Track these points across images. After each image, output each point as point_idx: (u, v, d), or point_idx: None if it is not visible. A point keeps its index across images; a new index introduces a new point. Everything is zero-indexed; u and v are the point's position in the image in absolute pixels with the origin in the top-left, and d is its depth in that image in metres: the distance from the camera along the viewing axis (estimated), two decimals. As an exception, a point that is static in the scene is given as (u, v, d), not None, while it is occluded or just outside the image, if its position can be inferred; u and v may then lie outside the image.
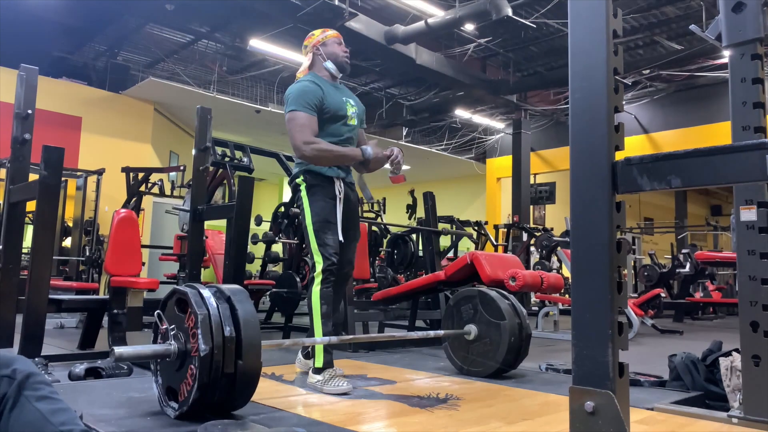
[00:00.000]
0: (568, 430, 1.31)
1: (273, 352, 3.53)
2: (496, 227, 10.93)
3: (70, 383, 2.61)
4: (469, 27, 9.62)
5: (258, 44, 9.91)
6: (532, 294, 8.42)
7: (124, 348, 1.80)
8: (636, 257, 11.50)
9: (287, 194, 2.92)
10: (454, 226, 8.79)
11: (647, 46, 11.14)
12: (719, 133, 10.66)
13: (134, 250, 3.99)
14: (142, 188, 7.33)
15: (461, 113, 13.46)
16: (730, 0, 2.01)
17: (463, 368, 3.03)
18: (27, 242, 4.58)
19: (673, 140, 12.01)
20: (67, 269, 7.64)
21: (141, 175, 7.36)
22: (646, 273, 9.77)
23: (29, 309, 2.89)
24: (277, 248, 6.69)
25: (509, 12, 8.08)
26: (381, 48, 9.41)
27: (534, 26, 9.35)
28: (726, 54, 2.06)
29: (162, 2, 9.38)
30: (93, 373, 2.75)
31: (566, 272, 8.33)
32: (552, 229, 10.45)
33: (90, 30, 10.77)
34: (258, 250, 6.16)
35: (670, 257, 10.63)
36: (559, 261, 8.87)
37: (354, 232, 2.88)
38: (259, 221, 5.97)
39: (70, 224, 8.34)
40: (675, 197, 17.25)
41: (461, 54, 11.00)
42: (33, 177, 3.13)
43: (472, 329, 3.01)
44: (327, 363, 2.58)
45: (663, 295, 8.11)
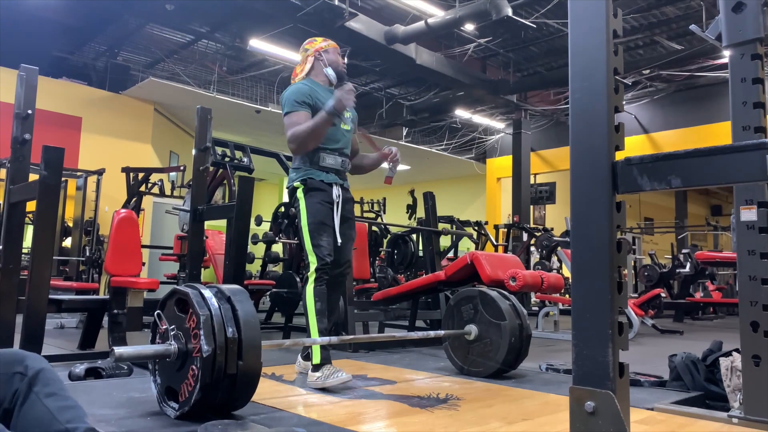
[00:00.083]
0: (569, 430, 1.31)
1: (273, 352, 3.53)
2: (496, 227, 10.93)
3: (71, 383, 2.61)
4: (469, 27, 9.61)
5: (258, 44, 9.91)
6: (533, 294, 8.42)
7: (124, 348, 1.80)
8: (636, 257, 11.49)
9: (287, 194, 2.93)
10: (455, 226, 8.79)
11: (647, 46, 11.14)
12: (719, 133, 10.66)
13: (134, 251, 3.99)
14: (142, 188, 7.33)
15: (461, 113, 13.46)
16: (730, 0, 2.01)
17: (464, 368, 3.03)
18: (27, 242, 4.58)
19: (674, 140, 12.01)
20: (68, 269, 7.64)
21: (141, 175, 7.36)
22: (647, 273, 9.77)
23: (29, 309, 2.89)
24: (277, 248, 6.69)
25: (509, 12, 8.08)
26: (381, 48, 9.41)
27: (534, 26, 9.35)
28: (726, 54, 2.06)
29: (162, 2, 9.38)
30: (93, 373, 2.75)
31: (566, 272, 8.34)
32: (552, 229, 10.45)
33: (90, 30, 10.77)
34: (258, 250, 6.16)
35: (671, 257, 10.63)
36: (560, 261, 8.87)
37: (350, 232, 2.96)
38: (259, 221, 5.97)
39: (71, 224, 8.35)
40: (675, 197, 17.25)
41: (461, 54, 11.00)
42: (33, 177, 3.13)
43: (473, 329, 3.01)
44: (325, 359, 2.62)
45: (663, 295, 8.10)
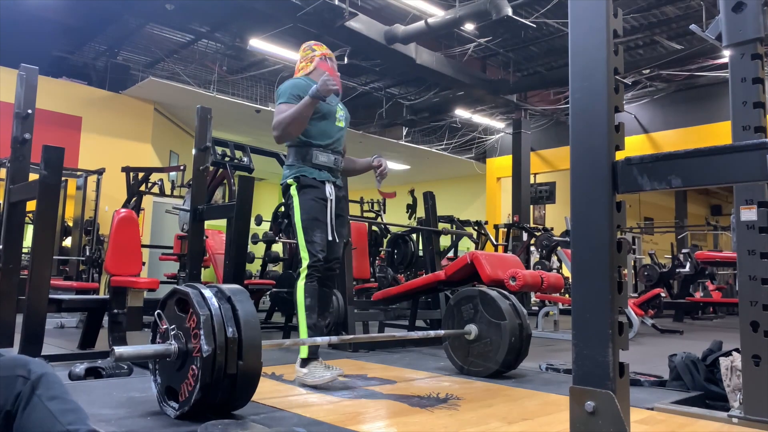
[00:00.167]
0: (569, 430, 1.31)
1: (273, 352, 3.53)
2: (496, 227, 10.92)
3: (71, 383, 2.60)
4: (469, 27, 9.61)
5: (258, 44, 9.91)
6: (533, 294, 8.42)
7: (125, 348, 1.80)
8: (636, 257, 11.49)
9: (281, 192, 2.96)
10: (454, 226, 8.79)
11: (647, 46, 11.14)
12: (719, 133, 10.66)
13: (134, 250, 3.99)
14: (142, 188, 7.33)
15: (461, 113, 13.46)
16: (730, 0, 2.01)
17: (464, 368, 3.03)
18: (27, 242, 4.58)
19: (674, 140, 12.01)
20: (68, 269, 7.63)
21: (141, 175, 7.36)
22: (646, 273, 9.77)
23: (29, 309, 2.89)
24: (277, 248, 6.69)
25: (509, 12, 8.08)
26: (381, 48, 9.41)
27: (534, 26, 9.35)
28: (726, 54, 2.06)
29: (162, 2, 9.38)
30: (93, 373, 2.75)
31: (566, 272, 8.34)
32: (552, 229, 10.45)
33: (90, 30, 10.76)
34: (258, 250, 6.16)
35: (670, 257, 10.63)
36: (559, 261, 8.87)
37: (342, 230, 3.02)
38: (259, 221, 5.97)
39: (71, 224, 8.34)
40: (675, 197, 17.25)
41: (461, 54, 10.99)
42: (33, 177, 3.13)
43: (473, 329, 3.01)
44: (312, 354, 2.66)
45: (663, 295, 8.10)
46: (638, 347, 4.87)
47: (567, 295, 7.09)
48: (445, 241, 8.76)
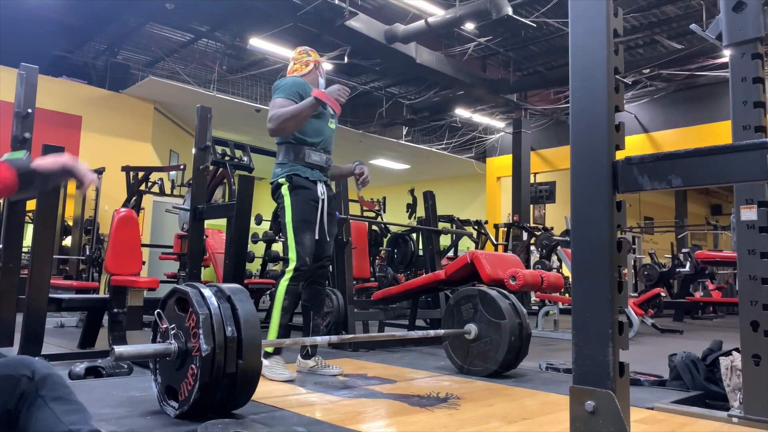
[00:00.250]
0: (569, 430, 1.31)
1: (273, 352, 3.53)
2: (496, 226, 10.92)
3: (71, 382, 2.60)
4: (470, 26, 9.61)
5: (258, 43, 9.90)
6: (532, 293, 8.42)
7: (125, 347, 1.80)
8: (636, 256, 11.49)
9: (271, 190, 2.98)
10: (454, 226, 8.79)
11: (647, 46, 11.13)
12: (720, 133, 10.65)
13: (134, 249, 3.99)
14: (142, 187, 7.33)
15: (461, 112, 13.46)
16: (731, -1, 2.01)
17: (464, 367, 3.03)
18: (27, 241, 4.58)
19: (674, 139, 12.00)
20: (68, 268, 7.63)
21: (141, 174, 7.35)
22: (646, 272, 9.77)
23: (29, 308, 2.89)
24: (277, 247, 6.67)
25: (509, 11, 8.08)
26: (381, 47, 9.40)
27: (534, 25, 9.34)
28: (726, 53, 2.06)
29: (162, 1, 9.37)
30: (93, 373, 2.75)
31: (566, 271, 8.34)
32: (552, 229, 10.44)
33: (90, 29, 10.76)
34: (258, 249, 6.16)
35: (670, 256, 10.63)
36: (560, 260, 8.87)
37: (332, 228, 3.06)
38: (259, 220, 5.97)
39: (70, 223, 8.34)
40: (675, 196, 17.25)
41: (461, 53, 10.99)
42: (33, 176, 3.12)
43: (473, 329, 3.01)
44: (276, 350, 2.76)
45: (663, 295, 8.11)
46: (638, 347, 4.87)
47: (567, 295, 7.09)
48: (445, 241, 8.76)
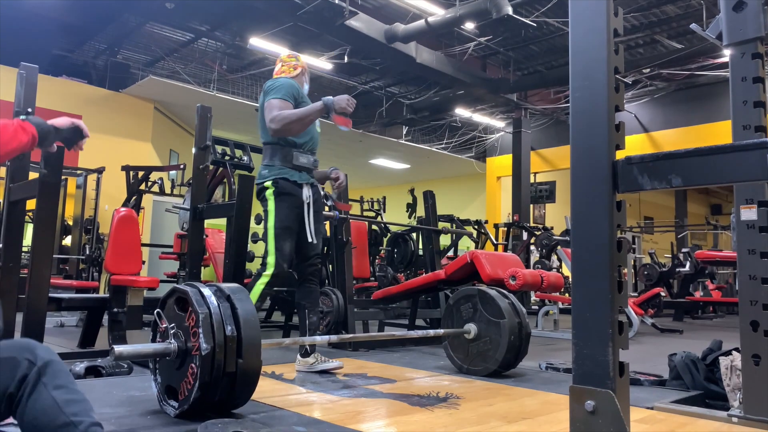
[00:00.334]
0: (569, 429, 1.31)
1: (273, 351, 3.54)
2: (496, 226, 10.93)
3: (70, 382, 2.61)
4: (470, 26, 9.60)
5: (258, 43, 9.90)
6: (532, 293, 8.42)
7: (124, 347, 1.80)
8: (636, 256, 11.49)
9: (256, 190, 3.01)
10: (454, 225, 8.79)
11: (648, 45, 11.13)
12: (720, 132, 10.65)
13: (134, 249, 3.99)
14: (142, 187, 7.33)
15: (461, 112, 13.46)
16: (731, -1, 2.01)
17: (463, 367, 3.03)
18: (27, 241, 4.58)
19: (674, 139, 12.00)
20: (68, 268, 7.63)
21: (141, 174, 7.35)
22: (646, 272, 9.77)
23: (29, 307, 2.89)
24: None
25: (509, 11, 8.08)
26: (381, 46, 9.40)
27: (534, 25, 9.34)
28: (726, 53, 2.06)
29: (162, 1, 9.37)
30: (93, 372, 2.75)
31: (566, 271, 8.34)
32: (552, 228, 10.44)
33: (90, 28, 10.76)
34: (258, 249, 6.14)
35: (670, 256, 10.63)
36: (559, 260, 8.87)
37: (319, 226, 3.11)
38: (259, 220, 5.94)
39: (71, 223, 8.34)
40: (675, 196, 17.25)
41: (461, 53, 10.98)
42: (33, 175, 3.13)
43: (472, 328, 3.01)
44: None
45: (663, 294, 8.11)
46: (638, 346, 4.87)
47: (567, 295, 7.10)
48: (445, 240, 8.75)
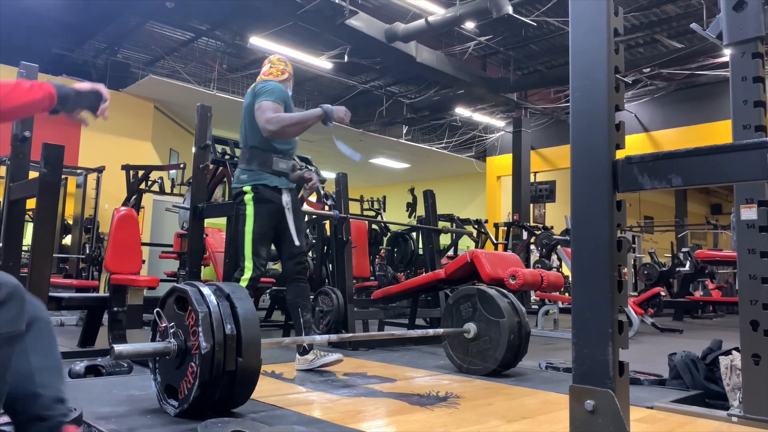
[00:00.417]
0: (568, 429, 1.31)
1: (273, 350, 3.54)
2: (496, 225, 10.92)
3: (71, 381, 2.60)
4: (470, 25, 9.60)
5: (258, 42, 9.89)
6: (532, 292, 8.42)
7: (124, 346, 1.80)
8: (636, 256, 11.49)
9: (233, 193, 3.05)
10: (454, 225, 8.79)
11: (648, 45, 11.12)
12: (720, 132, 10.65)
13: (134, 248, 3.99)
14: (142, 186, 7.33)
15: (461, 111, 13.45)
16: (731, -2, 2.01)
17: (463, 366, 3.03)
18: (27, 240, 4.58)
19: (674, 139, 12.00)
20: (67, 267, 7.63)
21: (141, 173, 7.35)
22: (646, 271, 9.77)
23: (29, 306, 2.88)
24: (277, 246, 6.68)
25: (510, 10, 8.07)
26: (381, 46, 9.39)
27: (534, 24, 9.34)
28: (727, 52, 2.06)
29: (162, 0, 9.36)
30: (93, 371, 2.75)
31: (566, 271, 8.34)
32: (552, 228, 10.45)
33: (90, 27, 10.75)
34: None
35: (670, 256, 10.63)
36: (559, 259, 8.87)
37: (300, 224, 3.14)
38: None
39: (70, 222, 8.34)
40: (675, 196, 17.25)
41: (461, 52, 10.98)
42: (33, 174, 3.13)
43: (472, 327, 3.01)
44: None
45: (663, 294, 8.11)
46: (638, 346, 4.87)
47: (567, 294, 7.10)
48: (445, 240, 8.76)
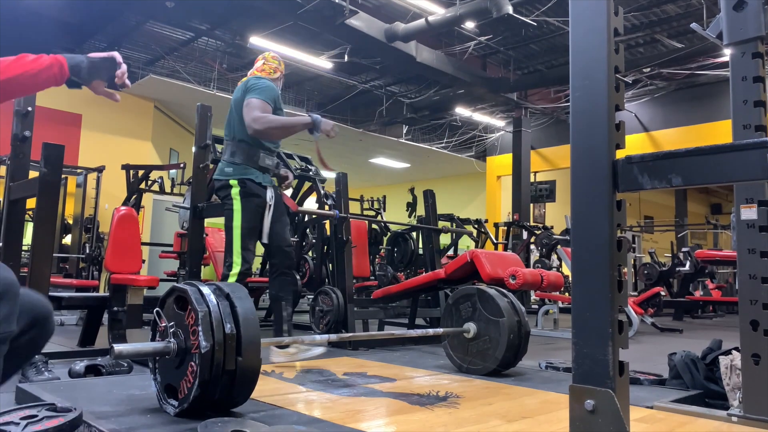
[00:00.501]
0: (568, 429, 1.31)
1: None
2: (496, 225, 10.93)
3: (71, 380, 2.61)
4: (470, 25, 9.60)
5: (258, 42, 9.90)
6: (532, 292, 8.42)
7: (124, 345, 1.80)
8: (636, 255, 11.49)
9: (217, 184, 3.07)
10: (454, 224, 8.79)
11: (648, 45, 11.13)
12: (720, 132, 10.66)
13: (134, 248, 3.99)
14: (143, 185, 7.33)
15: (461, 111, 13.46)
16: (732, -2, 2.01)
17: (463, 366, 3.03)
18: (27, 239, 4.58)
19: (674, 138, 12.01)
20: (67, 266, 7.63)
21: (141, 173, 7.35)
22: (646, 271, 9.78)
23: (29, 306, 2.89)
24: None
25: (510, 10, 8.08)
26: (381, 45, 9.40)
27: (534, 24, 9.34)
28: (727, 52, 2.06)
29: (162, 0, 9.37)
30: (93, 371, 2.75)
31: (566, 270, 8.34)
32: (552, 228, 10.45)
33: (90, 27, 10.75)
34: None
35: (670, 255, 10.63)
36: (559, 259, 8.87)
37: (283, 217, 3.22)
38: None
39: (71, 221, 8.34)
40: (675, 196, 17.26)
41: (461, 52, 10.98)
42: (33, 174, 3.13)
43: (471, 327, 3.01)
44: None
45: (663, 294, 8.11)
46: (638, 346, 4.87)
47: (567, 294, 7.10)
48: (445, 240, 8.76)
